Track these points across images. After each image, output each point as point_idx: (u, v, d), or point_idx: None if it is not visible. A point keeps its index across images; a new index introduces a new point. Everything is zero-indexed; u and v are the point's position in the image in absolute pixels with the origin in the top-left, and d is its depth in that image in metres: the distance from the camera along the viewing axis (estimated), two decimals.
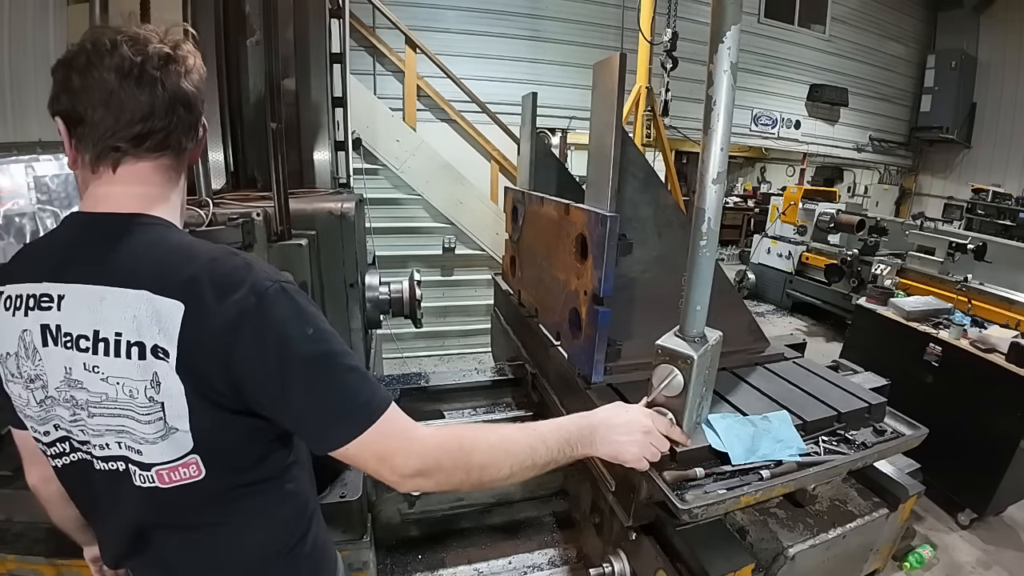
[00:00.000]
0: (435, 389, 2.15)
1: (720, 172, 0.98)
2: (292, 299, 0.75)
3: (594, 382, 1.46)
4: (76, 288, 0.72)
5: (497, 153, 5.25)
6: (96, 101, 0.71)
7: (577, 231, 1.48)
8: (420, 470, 0.80)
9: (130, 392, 0.71)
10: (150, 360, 0.70)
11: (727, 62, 0.91)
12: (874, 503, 1.47)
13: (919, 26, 10.24)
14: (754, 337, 1.74)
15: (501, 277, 2.66)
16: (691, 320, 1.07)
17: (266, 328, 0.72)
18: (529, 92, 2.24)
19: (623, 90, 1.27)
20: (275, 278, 0.76)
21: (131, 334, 0.70)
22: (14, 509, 1.43)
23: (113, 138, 0.74)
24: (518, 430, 0.94)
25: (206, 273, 0.72)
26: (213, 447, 0.76)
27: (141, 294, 0.70)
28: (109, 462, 0.77)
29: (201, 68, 0.82)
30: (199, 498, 0.79)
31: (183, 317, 0.69)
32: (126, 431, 0.74)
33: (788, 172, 10.54)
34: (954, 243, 4.68)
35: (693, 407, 1.10)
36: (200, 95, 0.81)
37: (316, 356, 0.75)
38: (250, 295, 0.71)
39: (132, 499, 0.78)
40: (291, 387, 0.73)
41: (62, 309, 0.72)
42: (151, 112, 0.74)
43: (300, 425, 0.78)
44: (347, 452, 0.77)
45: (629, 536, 1.27)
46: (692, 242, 1.03)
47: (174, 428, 0.72)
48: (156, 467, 0.75)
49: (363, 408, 0.77)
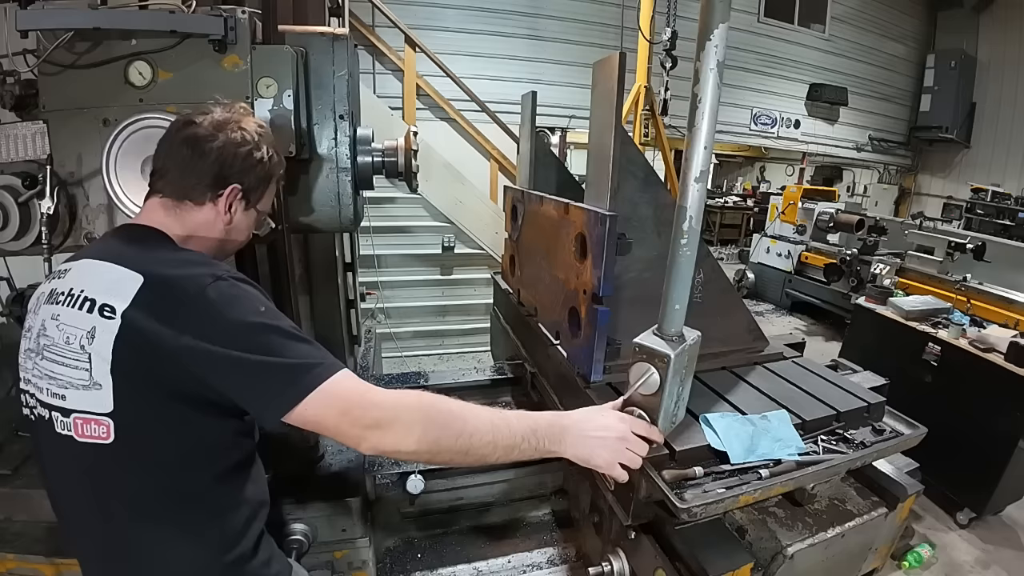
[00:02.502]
0: (434, 388, 2.15)
1: (703, 171, 0.97)
2: (245, 287, 0.86)
3: (593, 381, 1.46)
4: (81, 262, 0.90)
5: (496, 152, 5.25)
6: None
7: (576, 230, 1.48)
8: (379, 420, 0.83)
9: (66, 338, 0.82)
10: (95, 315, 0.80)
11: (714, 60, 0.91)
12: (873, 502, 1.47)
13: (919, 26, 10.25)
14: (753, 336, 1.74)
15: (500, 276, 2.66)
16: (669, 319, 1.06)
17: (222, 302, 0.81)
18: (529, 91, 2.24)
19: (623, 89, 1.27)
20: (231, 272, 0.87)
21: (91, 292, 0.83)
22: (14, 508, 1.43)
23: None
24: (484, 408, 0.96)
25: (171, 259, 0.87)
26: (129, 420, 0.81)
27: (114, 266, 0.85)
28: (38, 409, 0.85)
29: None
30: (108, 471, 0.83)
31: (139, 288, 0.81)
32: (55, 377, 0.82)
33: (788, 171, 10.55)
34: (953, 243, 4.69)
35: (669, 406, 1.09)
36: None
37: (269, 327, 0.83)
38: (207, 275, 0.83)
39: (54, 451, 0.84)
40: (246, 352, 0.79)
41: (64, 278, 0.88)
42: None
43: (255, 390, 0.81)
44: (305, 413, 0.80)
45: (628, 535, 1.27)
46: (673, 240, 1.02)
47: (98, 384, 0.80)
48: (74, 414, 0.81)
49: (315, 367, 0.82)
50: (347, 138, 1.52)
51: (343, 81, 1.49)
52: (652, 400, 1.08)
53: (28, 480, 1.46)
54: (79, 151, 1.35)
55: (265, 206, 1.09)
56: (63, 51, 1.29)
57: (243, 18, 1.31)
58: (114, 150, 1.27)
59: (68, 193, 1.36)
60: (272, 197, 1.12)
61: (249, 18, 1.33)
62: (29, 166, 1.34)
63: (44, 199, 1.29)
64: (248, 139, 0.98)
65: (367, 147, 1.61)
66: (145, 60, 1.29)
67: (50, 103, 1.33)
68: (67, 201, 1.36)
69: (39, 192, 1.30)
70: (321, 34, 1.49)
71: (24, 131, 1.34)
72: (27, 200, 1.32)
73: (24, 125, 1.34)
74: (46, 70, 1.30)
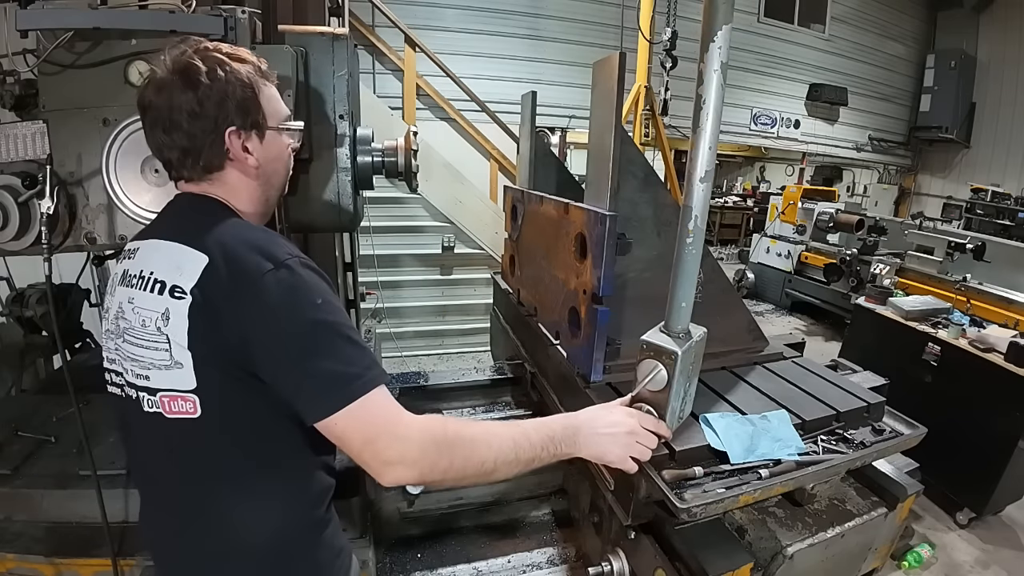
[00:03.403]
0: (434, 388, 2.15)
1: (708, 171, 0.98)
2: (308, 272, 0.84)
3: (593, 381, 1.45)
4: (147, 242, 0.90)
5: (496, 152, 5.25)
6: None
7: (576, 230, 1.47)
8: (402, 457, 0.82)
9: (143, 321, 0.83)
10: (166, 297, 0.81)
11: (718, 61, 0.91)
12: (873, 502, 1.47)
13: (919, 26, 10.25)
14: (753, 336, 1.74)
15: (500, 276, 2.66)
16: (676, 316, 1.07)
17: (278, 292, 0.79)
18: (529, 91, 2.24)
19: (623, 89, 1.27)
20: (295, 253, 0.84)
21: (160, 273, 0.83)
22: (14, 508, 1.43)
23: None
24: (503, 425, 0.96)
25: (234, 238, 0.83)
26: (212, 394, 0.82)
27: (180, 246, 0.84)
28: (127, 388, 0.87)
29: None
30: (194, 449, 0.85)
31: (204, 268, 0.80)
32: (138, 359, 0.84)
33: (787, 171, 10.55)
34: (953, 243, 4.69)
35: (676, 402, 1.10)
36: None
37: (319, 323, 0.81)
38: (267, 261, 0.80)
39: (145, 430, 0.87)
40: (292, 349, 0.79)
41: (134, 258, 0.89)
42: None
43: (296, 390, 0.81)
44: (335, 426, 0.80)
45: (628, 535, 1.26)
46: (678, 239, 1.04)
47: (179, 363, 0.80)
48: (160, 392, 0.83)
49: (356, 379, 0.81)
50: (347, 138, 1.52)
51: (343, 81, 1.49)
52: (659, 396, 1.09)
53: (28, 480, 1.46)
54: (79, 151, 1.35)
55: (277, 116, 0.96)
56: (63, 51, 1.29)
57: (243, 18, 1.31)
58: (114, 150, 1.28)
59: (68, 193, 1.36)
60: (276, 100, 0.97)
61: (249, 18, 1.33)
62: (29, 166, 1.34)
63: (44, 199, 1.28)
64: (196, 81, 0.84)
65: (367, 147, 1.60)
66: (145, 60, 1.29)
67: (50, 103, 1.33)
68: (67, 201, 1.36)
69: (39, 192, 1.30)
70: (321, 34, 1.49)
71: (24, 131, 1.34)
72: (27, 200, 1.31)
73: (24, 125, 1.34)
74: (46, 70, 1.30)
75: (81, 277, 2.04)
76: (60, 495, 1.43)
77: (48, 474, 1.48)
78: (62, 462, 1.51)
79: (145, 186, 1.31)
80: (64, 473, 1.47)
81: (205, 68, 0.85)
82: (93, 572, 1.35)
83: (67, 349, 2.11)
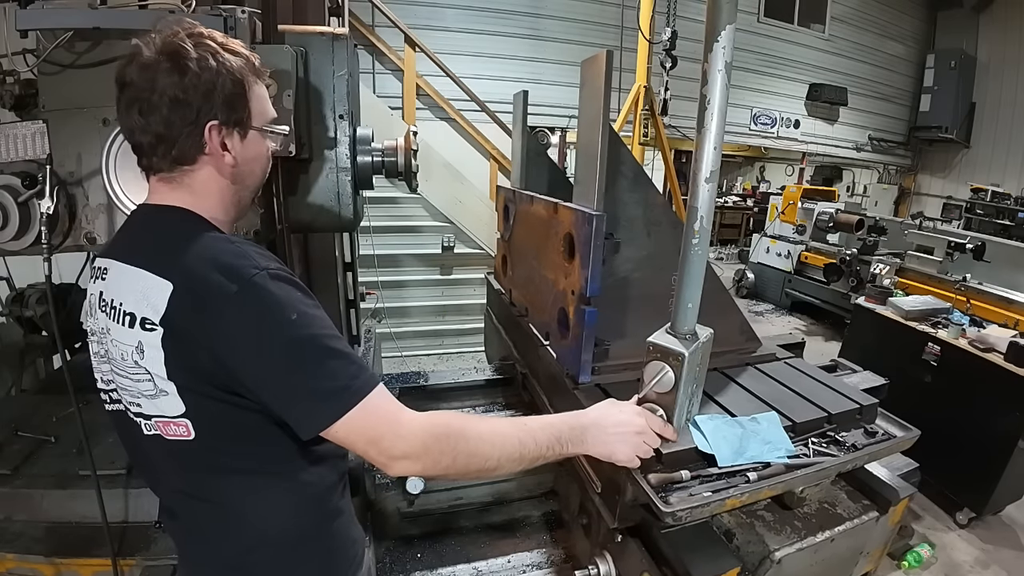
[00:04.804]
0: (434, 388, 2.15)
1: (713, 171, 0.97)
2: (277, 284, 0.79)
3: (581, 382, 1.43)
4: (114, 265, 0.86)
5: (496, 152, 5.25)
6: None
7: (565, 230, 1.45)
8: (407, 453, 0.83)
9: (122, 355, 0.82)
10: (137, 330, 0.79)
11: (722, 61, 0.91)
12: (864, 506, 1.44)
13: (919, 26, 10.25)
14: (745, 337, 1.72)
15: (493, 276, 2.65)
16: (682, 317, 1.06)
17: (248, 315, 0.77)
18: (520, 90, 2.21)
19: (611, 87, 1.25)
20: (262, 265, 0.80)
21: (129, 305, 0.80)
22: (14, 508, 1.43)
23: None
24: (509, 424, 0.96)
25: (197, 258, 0.79)
26: (202, 417, 0.81)
27: (142, 272, 0.80)
28: (129, 412, 0.87)
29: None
30: (196, 461, 0.85)
31: (169, 297, 0.77)
32: (127, 389, 0.84)
33: (787, 171, 10.55)
34: (953, 243, 4.69)
35: (683, 404, 1.10)
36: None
37: (297, 340, 0.78)
38: (232, 282, 0.76)
39: (147, 447, 0.86)
40: (273, 371, 0.78)
41: (106, 279, 0.86)
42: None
43: (284, 408, 0.80)
44: (336, 434, 0.80)
45: (615, 538, 1.25)
46: (684, 240, 1.03)
47: (164, 391, 0.80)
48: (155, 418, 0.83)
49: (344, 391, 0.80)
50: (347, 138, 1.52)
51: (343, 81, 1.49)
52: (667, 398, 1.08)
53: (28, 480, 1.46)
54: (79, 151, 1.35)
55: (263, 117, 0.92)
56: (63, 51, 1.29)
57: (243, 18, 1.31)
58: (114, 150, 1.27)
59: (68, 193, 1.36)
60: (264, 100, 0.93)
61: (249, 18, 1.33)
62: (29, 166, 1.34)
63: (44, 199, 1.28)
64: (184, 66, 0.80)
65: (367, 147, 1.60)
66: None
67: (50, 103, 1.33)
68: (67, 201, 1.36)
69: (39, 192, 1.30)
70: (321, 34, 1.49)
71: (24, 131, 1.34)
72: (27, 200, 1.31)
73: (24, 125, 1.34)
74: (46, 70, 1.30)
75: (81, 277, 2.04)
76: (60, 495, 1.43)
77: (48, 474, 1.48)
78: (62, 462, 1.51)
79: (145, 186, 1.30)
80: (64, 473, 1.47)
81: (196, 55, 0.80)
82: (93, 572, 1.35)
83: (67, 349, 2.11)
